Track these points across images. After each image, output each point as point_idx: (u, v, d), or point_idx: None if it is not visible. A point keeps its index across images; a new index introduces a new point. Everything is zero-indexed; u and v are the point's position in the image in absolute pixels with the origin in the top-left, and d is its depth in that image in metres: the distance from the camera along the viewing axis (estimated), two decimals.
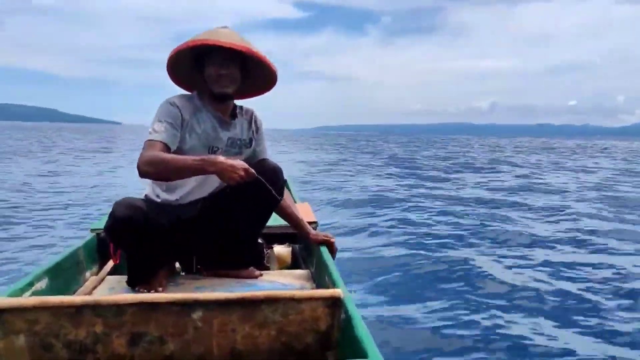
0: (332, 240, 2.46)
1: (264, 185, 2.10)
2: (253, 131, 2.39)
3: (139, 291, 2.10)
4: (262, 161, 2.31)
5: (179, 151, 2.11)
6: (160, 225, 2.08)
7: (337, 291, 1.70)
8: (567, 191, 11.00)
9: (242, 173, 1.94)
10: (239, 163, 1.96)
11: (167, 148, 2.05)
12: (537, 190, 11.04)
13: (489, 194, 10.32)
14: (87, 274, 2.44)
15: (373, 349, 1.33)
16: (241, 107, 2.38)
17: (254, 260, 2.49)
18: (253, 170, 1.98)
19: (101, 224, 2.84)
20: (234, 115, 2.31)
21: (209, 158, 1.96)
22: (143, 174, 1.99)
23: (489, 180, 13.36)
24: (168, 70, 2.27)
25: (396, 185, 11.95)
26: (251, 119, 2.39)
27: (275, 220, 2.83)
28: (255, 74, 2.27)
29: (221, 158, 1.95)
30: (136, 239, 2.04)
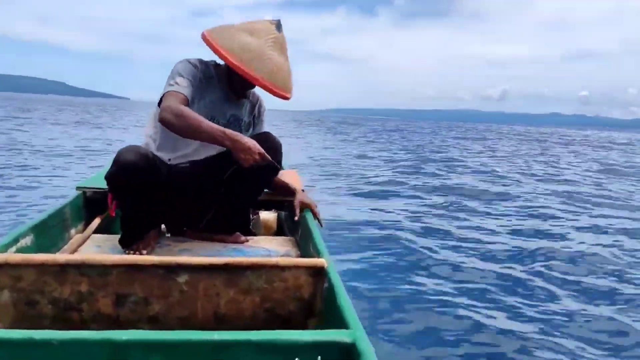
0: (313, 206, 2.48)
1: (273, 165, 2.09)
2: (255, 115, 2.43)
3: (130, 252, 2.10)
4: (265, 134, 2.30)
5: None
6: (159, 178, 2.06)
7: (321, 260, 1.73)
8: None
9: (257, 157, 1.98)
10: (256, 146, 1.98)
11: (187, 102, 2.04)
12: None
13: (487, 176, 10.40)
14: (73, 231, 2.44)
15: (354, 319, 1.36)
16: (251, 90, 2.38)
17: (240, 225, 2.51)
18: (268, 156, 2.00)
19: (88, 182, 2.84)
20: (242, 96, 2.34)
21: (232, 133, 1.96)
22: (165, 121, 1.96)
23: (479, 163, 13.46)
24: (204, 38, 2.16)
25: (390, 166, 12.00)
26: (256, 103, 2.44)
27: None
28: None
29: (243, 136, 1.97)
30: (139, 188, 2.00)
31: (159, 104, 2.05)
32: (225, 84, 2.26)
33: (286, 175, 3.18)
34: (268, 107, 2.51)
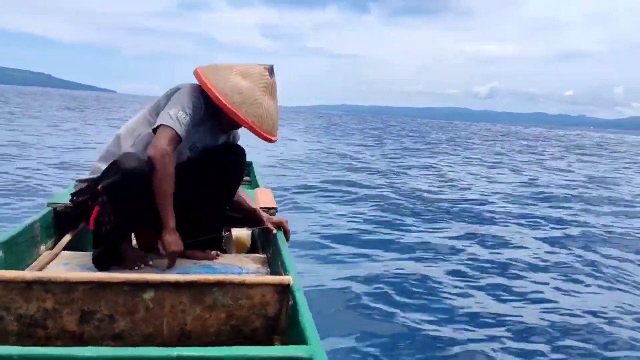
0: (285, 223, 2.53)
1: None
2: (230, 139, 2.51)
3: (134, 268, 2.11)
4: (231, 144, 2.41)
5: None
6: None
7: (286, 278, 1.76)
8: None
9: (172, 252, 2.07)
10: (174, 243, 2.07)
11: (178, 143, 2.08)
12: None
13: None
14: (42, 247, 2.43)
15: (314, 336, 1.39)
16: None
17: (211, 242, 2.53)
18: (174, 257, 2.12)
19: (59, 197, 2.83)
20: (226, 131, 2.42)
21: (173, 228, 2.06)
22: (152, 160, 1.97)
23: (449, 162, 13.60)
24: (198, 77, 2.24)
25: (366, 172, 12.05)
26: (235, 136, 2.53)
27: None
28: None
29: (174, 237, 2.07)
30: (140, 195, 2.00)
31: (155, 129, 2.06)
32: (212, 117, 2.29)
33: (260, 194, 3.22)
34: None
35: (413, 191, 8.89)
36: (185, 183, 2.23)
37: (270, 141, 2.25)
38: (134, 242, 2.45)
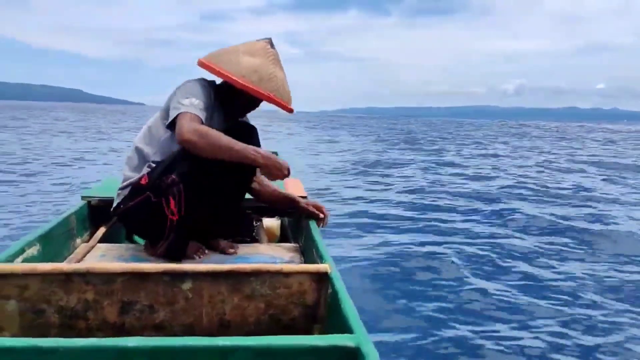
0: (323, 208, 2.50)
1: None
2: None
3: (192, 258, 2.14)
4: (241, 122, 2.35)
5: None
6: None
7: (324, 266, 1.74)
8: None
9: (286, 172, 2.07)
10: (286, 163, 2.08)
11: (202, 124, 2.03)
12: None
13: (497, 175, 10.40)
14: (78, 240, 2.46)
15: (358, 324, 1.37)
16: None
17: (242, 232, 2.52)
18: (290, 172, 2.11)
19: (93, 191, 2.86)
20: (239, 118, 2.38)
21: (264, 151, 2.03)
22: (189, 143, 1.93)
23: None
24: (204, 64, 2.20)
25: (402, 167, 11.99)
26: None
27: None
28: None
29: (272, 155, 2.05)
30: (212, 182, 2.05)
31: (170, 125, 2.05)
32: (222, 105, 2.25)
33: (290, 184, 3.20)
34: (274, 108, 2.58)
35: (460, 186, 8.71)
36: (200, 175, 2.14)
37: (291, 111, 2.23)
38: None
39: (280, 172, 2.05)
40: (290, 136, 25.07)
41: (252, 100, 2.21)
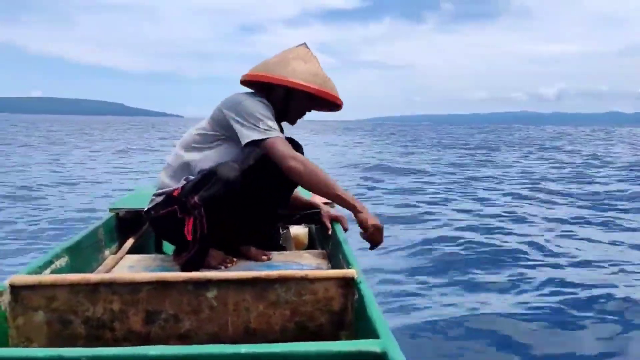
0: (343, 220, 2.48)
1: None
2: None
3: (218, 268, 2.15)
4: (287, 138, 2.34)
5: (240, 147, 2.12)
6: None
7: (350, 271, 1.70)
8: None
9: (378, 232, 2.11)
10: (377, 220, 2.12)
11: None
12: None
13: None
14: (107, 252, 2.48)
15: (386, 329, 1.32)
16: None
17: (270, 241, 2.50)
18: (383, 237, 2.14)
19: (120, 203, 2.89)
20: (291, 123, 2.45)
21: (362, 205, 2.10)
22: (292, 170, 2.02)
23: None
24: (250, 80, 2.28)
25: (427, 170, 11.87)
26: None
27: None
28: (322, 105, 2.42)
29: (370, 212, 2.12)
30: (234, 208, 2.09)
31: (256, 144, 2.06)
32: (277, 116, 2.27)
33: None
34: (311, 118, 2.65)
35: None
36: (245, 187, 2.19)
37: (340, 107, 2.38)
38: None
39: (377, 236, 2.11)
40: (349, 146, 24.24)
41: (307, 107, 2.30)
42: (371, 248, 2.17)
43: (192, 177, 2.13)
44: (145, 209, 2.24)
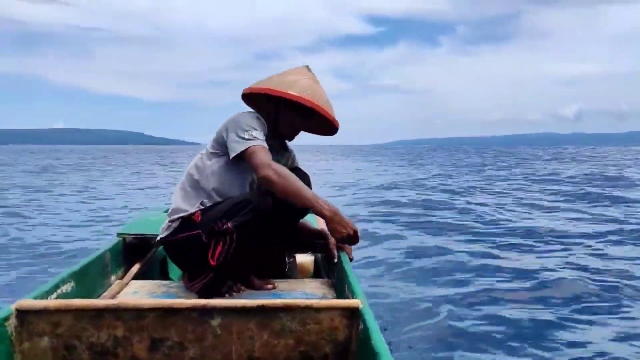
0: (347, 248, 2.47)
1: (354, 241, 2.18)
2: (289, 163, 2.46)
3: (230, 293, 2.17)
4: (294, 168, 2.32)
5: (236, 162, 2.13)
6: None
7: (355, 301, 1.69)
8: None
9: (351, 232, 2.10)
10: (351, 222, 2.12)
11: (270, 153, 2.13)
12: None
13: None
14: (112, 277, 2.48)
15: None
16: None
17: (275, 269, 2.50)
18: (359, 236, 2.14)
19: (127, 228, 2.90)
20: (285, 148, 2.45)
21: (331, 205, 2.08)
22: (267, 179, 2.01)
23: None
24: (247, 93, 2.31)
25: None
26: (291, 153, 2.50)
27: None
28: (318, 123, 2.40)
29: (338, 209, 2.09)
30: (265, 235, 2.12)
31: (240, 155, 2.07)
32: (272, 135, 2.29)
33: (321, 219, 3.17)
34: (329, 143, 2.66)
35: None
36: (256, 226, 2.14)
37: (336, 129, 2.39)
38: None
39: (344, 229, 2.08)
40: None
41: (299, 121, 2.29)
42: (350, 258, 2.24)
43: (206, 201, 2.14)
44: (160, 234, 2.23)
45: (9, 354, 1.56)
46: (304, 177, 2.24)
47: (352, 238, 2.12)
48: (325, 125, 2.39)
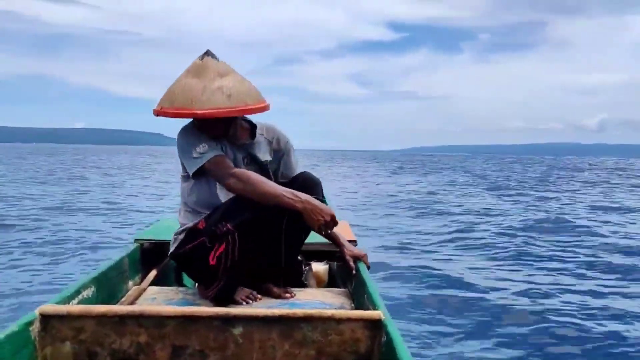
0: (364, 258, 2.44)
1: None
2: (277, 151, 2.32)
3: (244, 302, 2.14)
4: (303, 174, 2.30)
5: (199, 177, 2.11)
6: None
7: (377, 313, 1.68)
8: None
9: (328, 218, 2.02)
10: (327, 207, 2.04)
11: (228, 159, 2.09)
12: None
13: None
14: (130, 283, 2.49)
15: None
16: (262, 126, 2.29)
17: (291, 277, 2.48)
18: (336, 220, 2.05)
19: (145, 234, 2.91)
20: (252, 135, 2.25)
21: (301, 194, 2.01)
22: (232, 188, 2.02)
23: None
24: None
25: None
26: (273, 139, 2.32)
27: (312, 237, 2.82)
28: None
29: (312, 198, 2.02)
30: (266, 234, 2.11)
31: (194, 174, 2.06)
32: (217, 137, 2.13)
33: (337, 227, 3.16)
34: (345, 148, 2.48)
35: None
36: (257, 224, 2.12)
37: (260, 110, 2.08)
38: None
39: (320, 217, 2.00)
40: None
41: (214, 120, 2.05)
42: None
43: (207, 211, 2.14)
44: (170, 250, 2.24)
45: (32, 358, 1.56)
46: (313, 184, 2.20)
47: (329, 223, 2.03)
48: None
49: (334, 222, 2.05)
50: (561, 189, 18.36)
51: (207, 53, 2.08)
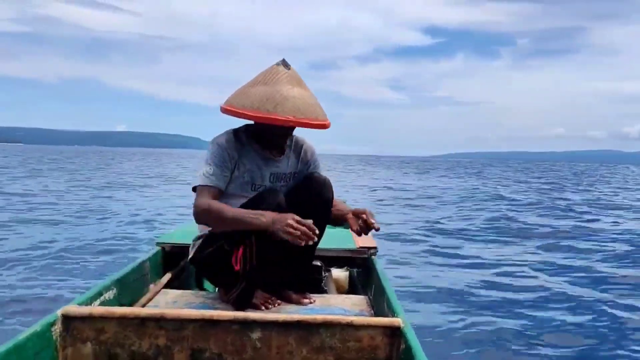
0: (367, 214, 2.18)
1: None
2: (304, 162, 2.32)
3: (260, 307, 2.14)
4: (308, 174, 2.27)
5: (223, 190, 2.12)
6: None
7: (396, 320, 1.67)
8: None
9: (303, 228, 1.89)
10: (295, 217, 1.92)
11: (219, 192, 2.08)
12: None
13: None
14: (151, 286, 2.51)
15: None
16: (291, 139, 2.29)
17: (311, 283, 2.48)
18: (311, 225, 1.91)
19: (167, 237, 2.94)
20: (281, 150, 2.25)
21: (274, 215, 1.94)
22: (200, 221, 2.09)
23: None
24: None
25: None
26: (301, 150, 2.32)
27: (333, 243, 2.82)
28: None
29: (274, 216, 1.93)
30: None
31: (194, 189, 2.10)
32: (260, 148, 2.19)
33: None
34: (379, 153, 2.34)
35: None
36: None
37: (322, 127, 2.05)
38: None
39: (292, 230, 1.87)
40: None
41: (279, 127, 2.08)
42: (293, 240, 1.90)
43: None
44: (189, 255, 2.25)
45: (53, 358, 1.59)
46: (320, 183, 2.19)
47: (307, 235, 1.88)
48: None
49: (309, 229, 1.89)
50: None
51: (284, 62, 2.12)
